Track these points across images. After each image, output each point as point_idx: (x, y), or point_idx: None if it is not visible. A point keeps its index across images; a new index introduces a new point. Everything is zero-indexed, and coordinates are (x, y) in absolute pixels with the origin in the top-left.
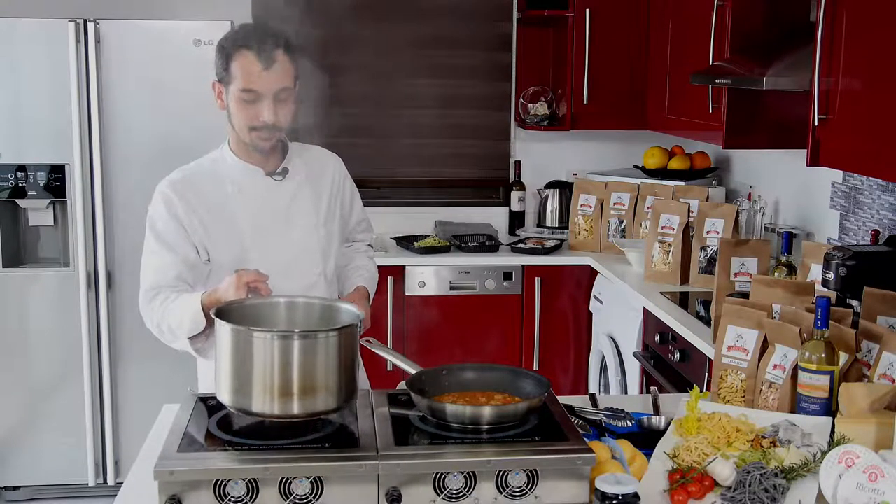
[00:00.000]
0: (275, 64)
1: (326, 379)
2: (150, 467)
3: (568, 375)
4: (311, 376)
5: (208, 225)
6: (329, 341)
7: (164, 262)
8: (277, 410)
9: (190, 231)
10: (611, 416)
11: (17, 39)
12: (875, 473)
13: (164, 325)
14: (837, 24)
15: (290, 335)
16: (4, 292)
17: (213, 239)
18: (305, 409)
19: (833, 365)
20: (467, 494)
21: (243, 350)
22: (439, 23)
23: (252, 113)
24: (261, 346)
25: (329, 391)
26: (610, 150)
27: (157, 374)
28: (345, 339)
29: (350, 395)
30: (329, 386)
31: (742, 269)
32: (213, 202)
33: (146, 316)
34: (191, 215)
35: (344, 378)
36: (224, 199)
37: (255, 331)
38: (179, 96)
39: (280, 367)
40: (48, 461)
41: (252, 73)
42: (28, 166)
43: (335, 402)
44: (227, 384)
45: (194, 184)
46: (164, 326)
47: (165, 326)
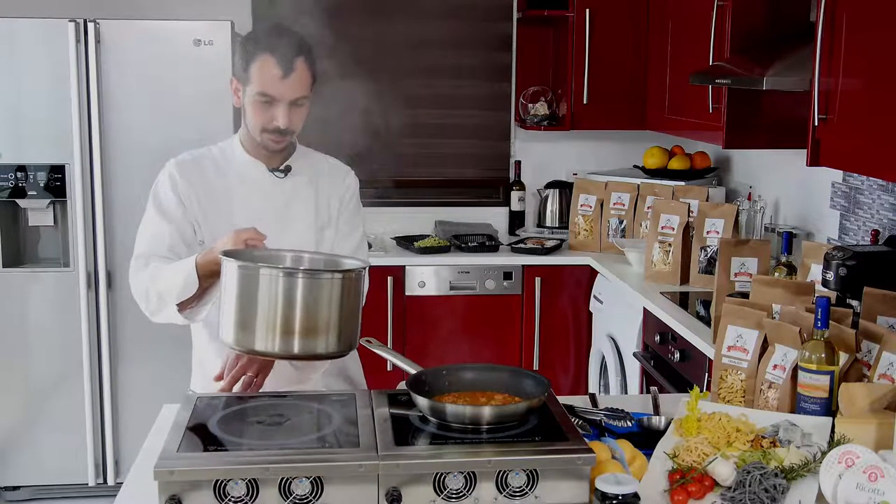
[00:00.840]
0: (293, 72)
1: (328, 321)
2: (150, 467)
3: (568, 375)
4: (313, 316)
5: (206, 208)
6: (333, 283)
7: (161, 231)
8: (279, 348)
9: (188, 208)
10: (611, 416)
11: (17, 39)
12: (875, 473)
13: (152, 291)
14: (837, 24)
15: (294, 272)
16: (4, 292)
17: (209, 222)
18: (306, 350)
19: (833, 365)
20: (467, 494)
21: (249, 287)
22: (439, 23)
23: (266, 117)
24: (266, 283)
25: (330, 334)
26: (610, 150)
27: (157, 374)
28: (349, 284)
29: (350, 344)
30: (330, 328)
31: (742, 269)
32: (215, 188)
33: (134, 283)
34: (191, 195)
35: (346, 324)
36: (225, 188)
37: (262, 267)
38: (179, 96)
39: (284, 305)
40: (48, 461)
41: (270, 78)
42: (28, 166)
43: (336, 346)
44: (231, 323)
45: (200, 166)
46: (151, 293)
47: (154, 292)
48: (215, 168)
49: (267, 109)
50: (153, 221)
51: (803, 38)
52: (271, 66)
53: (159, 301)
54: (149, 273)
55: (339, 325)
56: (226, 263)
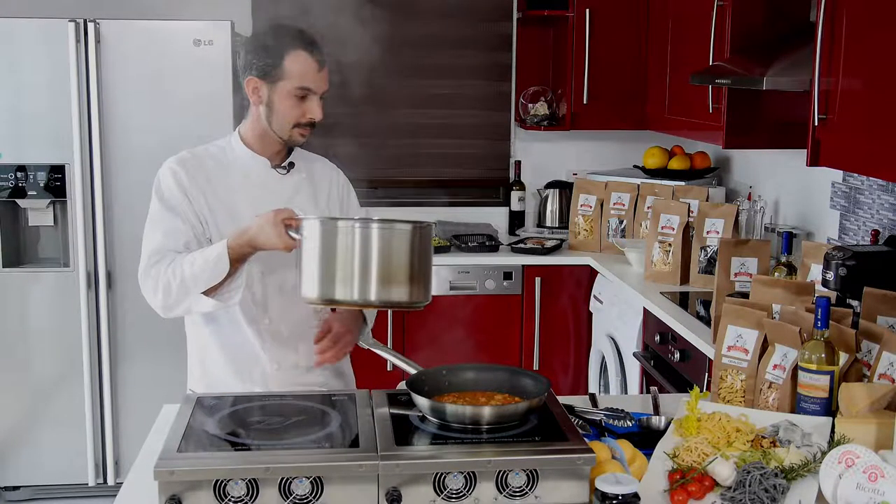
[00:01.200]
0: (325, 66)
1: (402, 270)
2: (150, 467)
3: (568, 375)
4: (387, 265)
5: (211, 204)
6: (405, 233)
7: (174, 227)
8: (357, 296)
9: (194, 204)
10: (611, 416)
11: (17, 39)
12: (875, 473)
13: (174, 282)
14: (837, 24)
15: (369, 223)
16: (4, 292)
17: (215, 218)
18: (382, 297)
19: (833, 365)
20: (467, 494)
21: (329, 241)
22: (439, 23)
23: (301, 110)
24: (343, 235)
25: (404, 283)
26: (610, 150)
27: (157, 374)
28: (419, 235)
29: (424, 294)
30: (405, 278)
31: (742, 269)
32: (218, 185)
33: (149, 280)
34: (196, 192)
35: (418, 274)
36: (229, 185)
37: (339, 219)
38: (179, 96)
39: (360, 254)
40: (48, 461)
41: (309, 71)
42: (28, 166)
43: (408, 295)
44: (313, 277)
45: (202, 164)
46: (174, 284)
47: (177, 283)
48: (216, 164)
49: (302, 103)
50: (163, 219)
51: (803, 38)
52: (307, 59)
53: (182, 291)
54: (168, 266)
55: (409, 275)
56: (307, 223)
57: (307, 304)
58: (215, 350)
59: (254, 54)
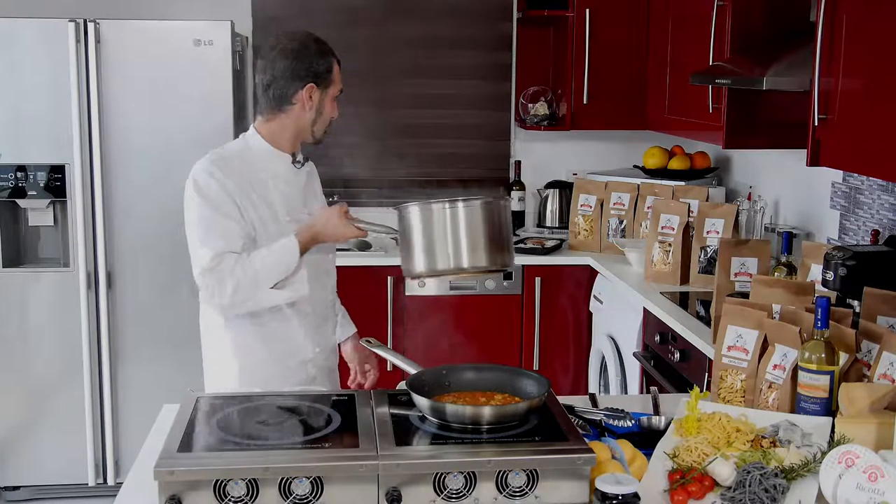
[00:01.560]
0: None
1: (486, 240)
2: (150, 467)
3: (568, 375)
4: (474, 235)
5: (254, 203)
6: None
7: (230, 228)
8: (453, 265)
9: (240, 205)
10: (611, 416)
11: (17, 39)
12: (875, 473)
13: (244, 279)
14: (837, 24)
15: (455, 203)
16: (4, 292)
17: (259, 217)
18: (473, 264)
19: (833, 365)
20: (467, 494)
21: (427, 222)
22: (439, 23)
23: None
24: (439, 215)
25: (491, 251)
26: (610, 150)
27: (157, 374)
28: (496, 209)
29: (507, 262)
30: (490, 246)
31: (742, 269)
32: (253, 183)
33: (212, 280)
34: (237, 191)
35: (502, 244)
36: (261, 182)
37: (434, 202)
38: (179, 96)
39: (451, 229)
40: (48, 461)
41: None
42: (28, 166)
43: (492, 261)
44: (418, 253)
45: (231, 164)
46: (244, 282)
47: (248, 280)
48: (242, 164)
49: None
50: (216, 222)
51: (803, 38)
52: (337, 65)
53: (252, 287)
54: (234, 264)
55: (489, 245)
56: (404, 209)
57: (411, 278)
58: (258, 348)
59: (309, 63)
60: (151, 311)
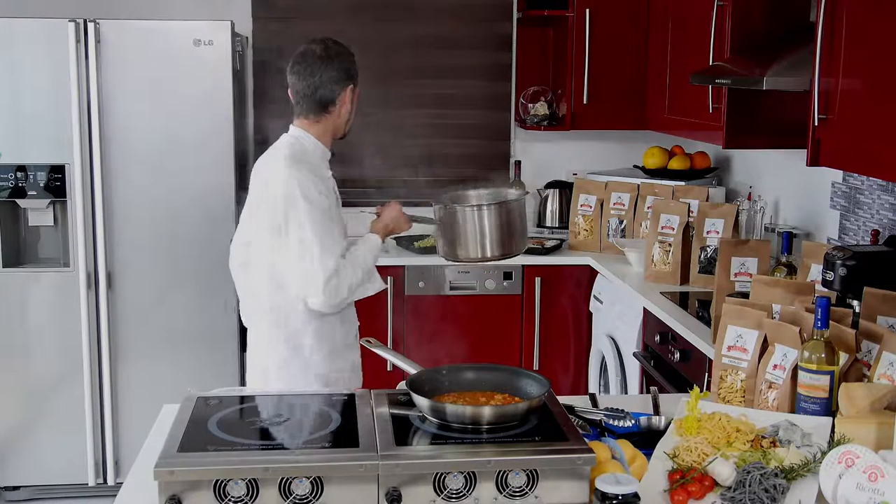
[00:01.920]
0: None
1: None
2: (150, 467)
3: (568, 375)
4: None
5: (334, 202)
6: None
7: (337, 233)
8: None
9: (332, 203)
10: (611, 416)
11: (17, 39)
12: (875, 473)
13: (356, 278)
14: (837, 24)
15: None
16: (4, 292)
17: (339, 213)
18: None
19: (833, 365)
20: (467, 494)
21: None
22: (439, 23)
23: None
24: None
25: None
26: (610, 150)
27: (157, 374)
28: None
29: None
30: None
31: (742, 269)
32: (325, 183)
33: (337, 285)
34: (328, 194)
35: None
36: (326, 179)
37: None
38: (179, 96)
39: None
40: (48, 461)
41: None
42: (28, 166)
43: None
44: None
45: (311, 168)
46: (356, 280)
47: (357, 278)
48: (312, 164)
49: None
50: (328, 227)
51: (803, 38)
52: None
53: (365, 279)
54: (348, 266)
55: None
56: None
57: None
58: (338, 330)
59: (348, 66)
60: (151, 311)
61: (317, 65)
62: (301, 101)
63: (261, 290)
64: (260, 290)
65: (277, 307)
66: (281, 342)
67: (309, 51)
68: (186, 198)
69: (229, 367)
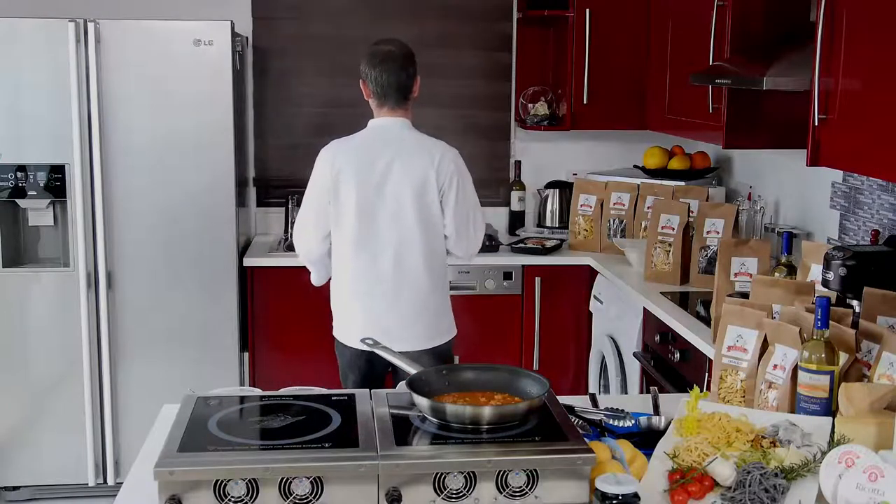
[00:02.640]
0: None
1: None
2: (150, 467)
3: (568, 375)
4: None
5: None
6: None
7: None
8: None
9: None
10: (611, 416)
11: (17, 39)
12: (875, 473)
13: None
14: (837, 24)
15: None
16: (4, 292)
17: None
18: None
19: (833, 365)
20: (467, 494)
21: None
22: (439, 23)
23: None
24: None
25: None
26: (610, 150)
27: (157, 374)
28: None
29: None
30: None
31: (742, 269)
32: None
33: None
34: None
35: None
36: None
37: None
38: (179, 96)
39: None
40: (48, 461)
41: None
42: (28, 166)
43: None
44: None
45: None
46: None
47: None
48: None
49: None
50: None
51: (803, 38)
52: None
53: None
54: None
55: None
56: None
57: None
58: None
59: (415, 61)
60: (151, 311)
61: (402, 63)
62: (390, 93)
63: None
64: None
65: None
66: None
67: (390, 50)
68: (186, 198)
69: (229, 367)
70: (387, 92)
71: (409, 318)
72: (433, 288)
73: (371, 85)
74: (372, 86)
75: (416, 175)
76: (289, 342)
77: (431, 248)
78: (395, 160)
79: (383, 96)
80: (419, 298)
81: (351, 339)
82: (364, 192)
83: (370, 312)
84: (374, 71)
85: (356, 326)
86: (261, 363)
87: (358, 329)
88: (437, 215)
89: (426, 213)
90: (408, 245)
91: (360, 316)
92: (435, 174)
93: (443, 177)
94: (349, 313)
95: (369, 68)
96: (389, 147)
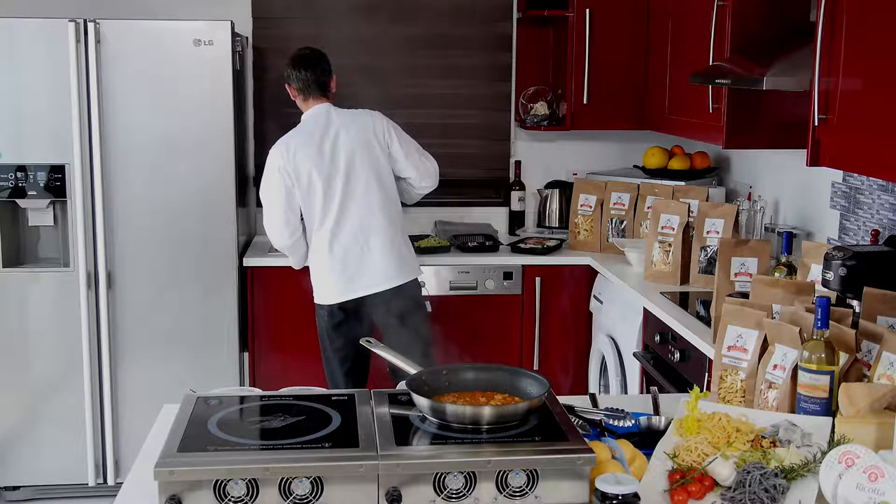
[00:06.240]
0: None
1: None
2: (150, 467)
3: (568, 375)
4: None
5: None
6: None
7: None
8: None
9: None
10: (611, 416)
11: (17, 39)
12: (875, 473)
13: None
14: (837, 24)
15: None
16: (4, 292)
17: None
18: None
19: (833, 365)
20: (467, 494)
21: None
22: (439, 23)
23: None
24: None
25: None
26: (610, 150)
27: (157, 374)
28: None
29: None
30: None
31: (742, 269)
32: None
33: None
34: None
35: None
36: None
37: None
38: (179, 96)
39: None
40: (48, 461)
41: None
42: (28, 166)
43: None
44: None
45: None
46: None
47: None
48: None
49: None
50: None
51: (803, 38)
52: None
53: None
54: None
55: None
56: None
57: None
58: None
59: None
60: (151, 311)
61: (323, 61)
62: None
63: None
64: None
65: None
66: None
67: (313, 53)
68: (186, 198)
69: (229, 367)
70: (308, 86)
71: (379, 259)
72: (395, 230)
73: (294, 83)
74: (295, 84)
75: (359, 137)
76: (289, 342)
77: (387, 196)
78: (338, 132)
79: (306, 90)
80: (385, 240)
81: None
82: (321, 166)
83: (345, 265)
84: (294, 71)
85: (333, 283)
86: (260, 363)
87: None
88: (385, 167)
89: (376, 166)
90: (368, 199)
91: (338, 269)
92: (373, 132)
93: (380, 132)
94: (326, 273)
95: (291, 70)
96: (330, 125)
